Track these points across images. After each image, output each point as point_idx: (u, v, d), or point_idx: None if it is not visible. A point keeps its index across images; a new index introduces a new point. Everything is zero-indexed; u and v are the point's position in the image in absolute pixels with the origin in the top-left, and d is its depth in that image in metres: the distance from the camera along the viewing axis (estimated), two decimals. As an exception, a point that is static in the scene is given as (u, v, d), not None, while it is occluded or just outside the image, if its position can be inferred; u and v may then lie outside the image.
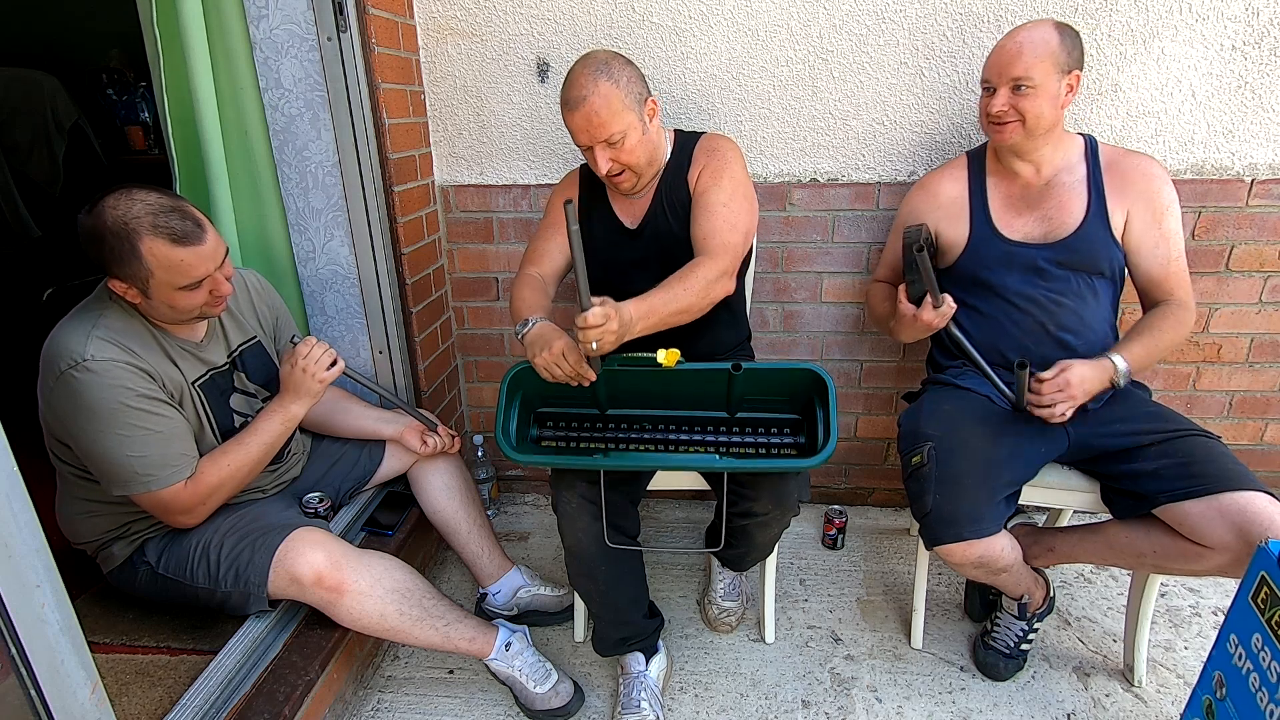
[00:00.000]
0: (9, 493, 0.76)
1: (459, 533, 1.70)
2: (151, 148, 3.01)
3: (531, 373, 1.32)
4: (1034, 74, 1.36)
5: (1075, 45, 1.38)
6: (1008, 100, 1.40)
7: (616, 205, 1.54)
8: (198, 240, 1.19)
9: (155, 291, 1.20)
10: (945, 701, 1.55)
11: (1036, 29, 1.38)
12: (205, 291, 1.24)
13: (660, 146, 1.48)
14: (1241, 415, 2.03)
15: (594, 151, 1.38)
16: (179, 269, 1.18)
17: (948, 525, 1.35)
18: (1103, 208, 1.45)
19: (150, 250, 1.16)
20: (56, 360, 1.18)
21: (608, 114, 1.33)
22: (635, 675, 1.51)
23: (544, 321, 1.33)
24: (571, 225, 1.11)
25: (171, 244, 1.16)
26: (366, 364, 1.87)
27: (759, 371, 1.35)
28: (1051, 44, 1.36)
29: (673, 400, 1.45)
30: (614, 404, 1.46)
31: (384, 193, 1.74)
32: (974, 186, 1.54)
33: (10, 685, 0.79)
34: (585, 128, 1.35)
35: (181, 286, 1.20)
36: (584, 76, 1.34)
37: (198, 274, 1.20)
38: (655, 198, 1.50)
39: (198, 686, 1.29)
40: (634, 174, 1.43)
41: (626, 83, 1.35)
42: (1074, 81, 1.39)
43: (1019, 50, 1.37)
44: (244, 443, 1.35)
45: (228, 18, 1.55)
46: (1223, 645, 1.18)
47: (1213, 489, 1.25)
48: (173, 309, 1.24)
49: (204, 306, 1.26)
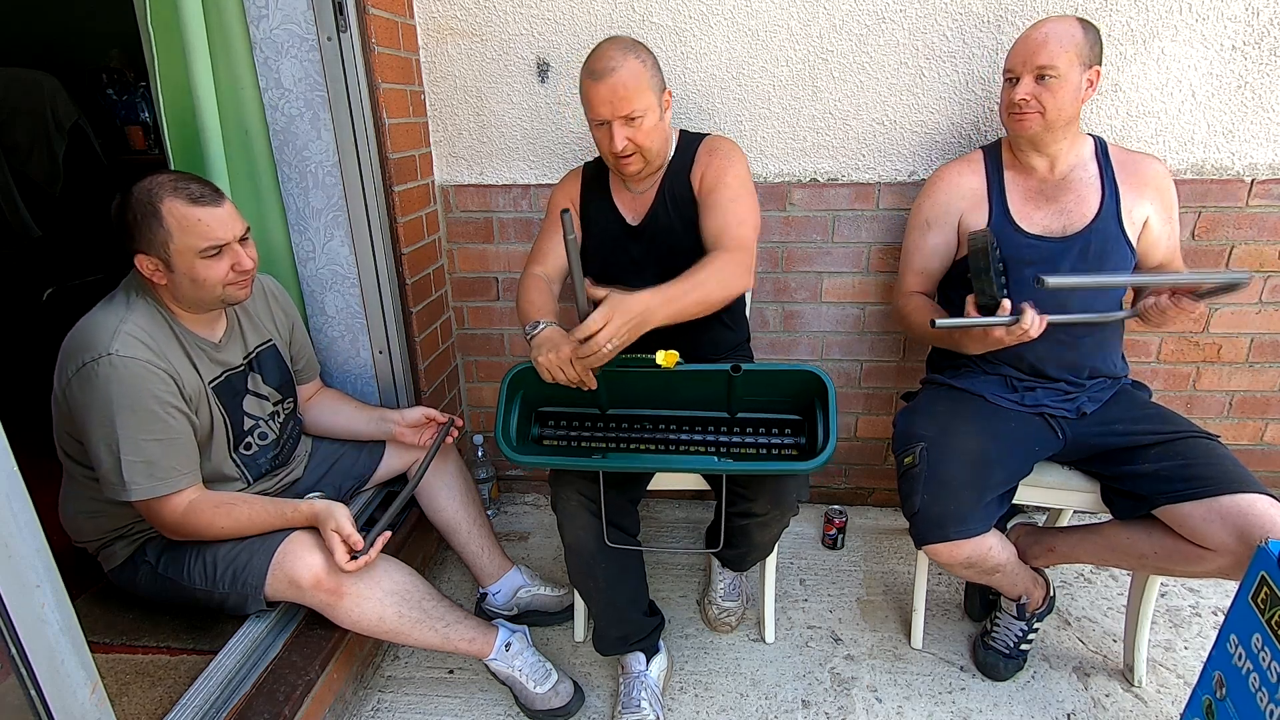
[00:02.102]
0: (9, 493, 0.76)
1: (459, 532, 1.70)
2: (151, 148, 3.01)
3: (532, 373, 1.32)
4: (1059, 63, 1.37)
5: (1096, 41, 1.40)
6: (1031, 90, 1.40)
7: (619, 201, 1.55)
8: (214, 203, 1.24)
9: (177, 260, 1.22)
10: (945, 701, 1.55)
11: (1062, 22, 1.40)
12: (227, 265, 1.26)
13: (669, 141, 1.49)
14: (1241, 415, 2.03)
15: (611, 127, 1.37)
16: (196, 229, 1.21)
17: (934, 525, 1.36)
18: (1117, 204, 1.46)
19: (170, 210, 1.20)
20: (80, 352, 1.19)
21: (634, 88, 1.33)
22: (635, 675, 1.51)
23: (554, 326, 1.33)
24: (569, 234, 1.11)
25: (189, 203, 1.21)
26: (366, 364, 1.87)
27: (758, 373, 1.35)
28: (1076, 37, 1.37)
29: (673, 401, 1.45)
30: (615, 404, 1.46)
31: (384, 193, 1.74)
32: (992, 179, 1.54)
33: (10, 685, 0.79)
34: (609, 99, 1.34)
35: (202, 252, 1.22)
36: (613, 49, 1.35)
37: (215, 236, 1.23)
38: (659, 194, 1.51)
39: (198, 686, 1.29)
40: (643, 157, 1.42)
41: (652, 66, 1.38)
42: (1094, 77, 1.40)
43: (1045, 40, 1.38)
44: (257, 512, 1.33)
45: (227, 18, 1.55)
46: (1223, 645, 1.18)
47: (1213, 491, 1.25)
48: (195, 283, 1.25)
49: (227, 286, 1.27)
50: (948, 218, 1.56)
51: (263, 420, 1.46)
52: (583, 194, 1.58)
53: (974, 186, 1.55)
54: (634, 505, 1.53)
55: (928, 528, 1.37)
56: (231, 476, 1.40)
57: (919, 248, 1.61)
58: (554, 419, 1.49)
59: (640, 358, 1.31)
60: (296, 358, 1.58)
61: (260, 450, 1.46)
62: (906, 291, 1.63)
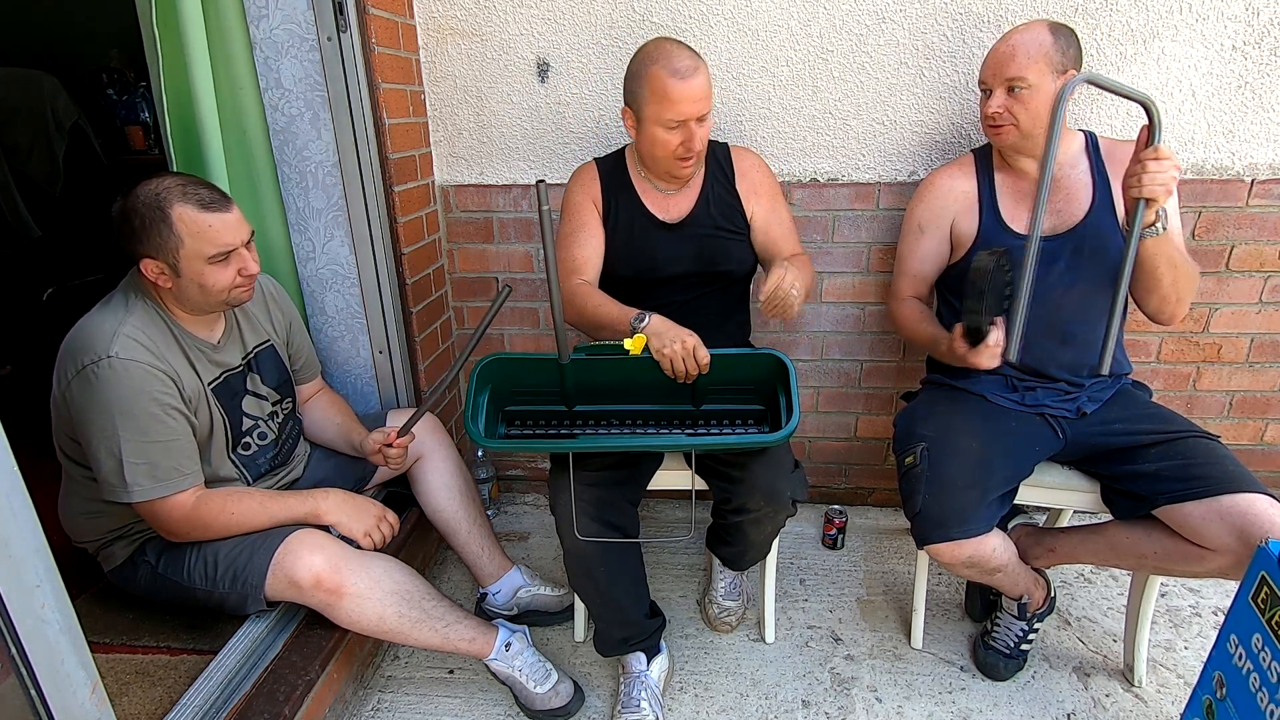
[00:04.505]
0: (9, 493, 0.76)
1: (459, 533, 1.70)
2: (152, 148, 3.01)
3: (500, 366, 1.36)
4: (1028, 75, 1.36)
5: (1071, 45, 1.38)
6: (1003, 102, 1.40)
7: (646, 199, 1.56)
8: (224, 208, 1.24)
9: (185, 265, 1.22)
10: (945, 701, 1.55)
11: (1030, 30, 1.38)
12: (234, 269, 1.26)
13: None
14: (1241, 415, 2.03)
15: (689, 126, 1.40)
16: (207, 235, 1.21)
17: (936, 525, 1.36)
18: (1109, 199, 1.45)
19: (180, 216, 1.19)
20: (80, 354, 1.19)
21: (710, 89, 1.41)
22: (636, 675, 1.51)
23: (659, 315, 1.35)
24: (543, 205, 1.13)
25: (200, 209, 1.21)
26: (366, 364, 1.87)
27: (721, 357, 1.34)
28: (1045, 45, 1.35)
29: (639, 392, 1.45)
30: (581, 398, 1.46)
31: (384, 193, 1.74)
32: (982, 182, 1.54)
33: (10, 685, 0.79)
34: (696, 98, 1.38)
35: (211, 258, 1.22)
36: (687, 52, 1.39)
37: (225, 241, 1.23)
38: (702, 195, 1.56)
39: (198, 686, 1.29)
40: (699, 158, 1.48)
41: None
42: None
43: (1012, 52, 1.37)
44: (259, 506, 1.35)
45: (228, 17, 1.55)
46: (1223, 645, 1.18)
47: (1213, 491, 1.25)
48: (203, 289, 1.25)
49: (233, 289, 1.27)
50: (940, 222, 1.56)
51: (262, 420, 1.46)
52: (604, 191, 1.57)
53: (965, 190, 1.55)
54: (634, 505, 1.53)
55: (930, 528, 1.37)
56: (230, 477, 1.40)
57: (913, 252, 1.61)
58: (520, 418, 1.50)
59: (609, 345, 1.33)
60: (295, 358, 1.58)
61: (259, 450, 1.46)
62: (900, 297, 1.63)
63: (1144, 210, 1.22)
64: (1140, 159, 1.21)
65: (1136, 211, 1.22)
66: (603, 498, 1.43)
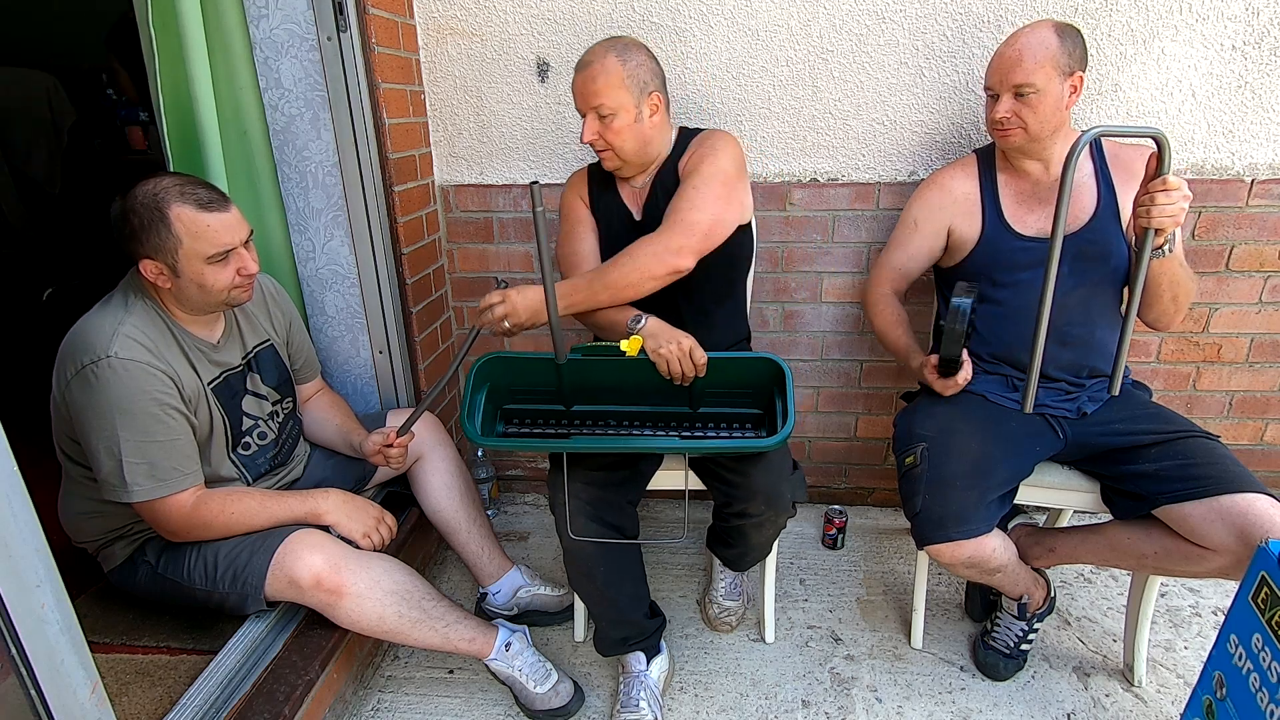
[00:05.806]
0: (9, 493, 0.76)
1: (459, 532, 1.70)
2: (152, 148, 3.01)
3: (498, 364, 1.36)
4: (1035, 79, 1.35)
5: (1077, 45, 1.37)
6: (1011, 107, 1.39)
7: (625, 196, 1.56)
8: (223, 208, 1.24)
9: (185, 265, 1.22)
10: (945, 701, 1.55)
11: (1035, 33, 1.37)
12: (233, 269, 1.26)
13: (656, 141, 1.49)
14: (1241, 415, 2.03)
15: (585, 119, 1.43)
16: (205, 235, 1.21)
17: (936, 526, 1.36)
18: (1113, 201, 1.45)
19: (179, 216, 1.19)
20: (79, 354, 1.19)
21: (604, 84, 1.38)
22: (636, 675, 1.51)
23: (656, 318, 1.37)
24: (537, 206, 1.14)
25: (198, 209, 1.21)
26: (366, 364, 1.87)
27: (718, 361, 1.35)
28: (1051, 47, 1.35)
29: (637, 393, 1.45)
30: (578, 398, 1.46)
31: (384, 193, 1.74)
32: (985, 183, 1.53)
33: (10, 685, 0.79)
34: (580, 91, 1.42)
35: (210, 258, 1.22)
36: (599, 47, 1.42)
37: (224, 241, 1.23)
38: (652, 188, 1.53)
39: (198, 686, 1.29)
40: (616, 156, 1.46)
41: (634, 67, 1.39)
42: (1077, 83, 1.38)
43: (1019, 57, 1.36)
44: (259, 506, 1.35)
45: (227, 17, 1.55)
46: (1223, 645, 1.18)
47: (1213, 491, 1.25)
48: (202, 289, 1.25)
49: (232, 289, 1.28)
50: (936, 222, 1.57)
51: (261, 420, 1.46)
52: (591, 190, 1.59)
53: (966, 192, 1.54)
54: (633, 506, 1.53)
55: (930, 528, 1.37)
56: (230, 477, 1.40)
57: (902, 244, 1.62)
58: (519, 417, 1.50)
59: (606, 345, 1.33)
60: (295, 357, 1.58)
61: (259, 450, 1.46)
62: (878, 286, 1.64)
63: (1152, 238, 1.24)
64: (1149, 190, 1.22)
65: (1145, 240, 1.24)
66: (601, 498, 1.43)
